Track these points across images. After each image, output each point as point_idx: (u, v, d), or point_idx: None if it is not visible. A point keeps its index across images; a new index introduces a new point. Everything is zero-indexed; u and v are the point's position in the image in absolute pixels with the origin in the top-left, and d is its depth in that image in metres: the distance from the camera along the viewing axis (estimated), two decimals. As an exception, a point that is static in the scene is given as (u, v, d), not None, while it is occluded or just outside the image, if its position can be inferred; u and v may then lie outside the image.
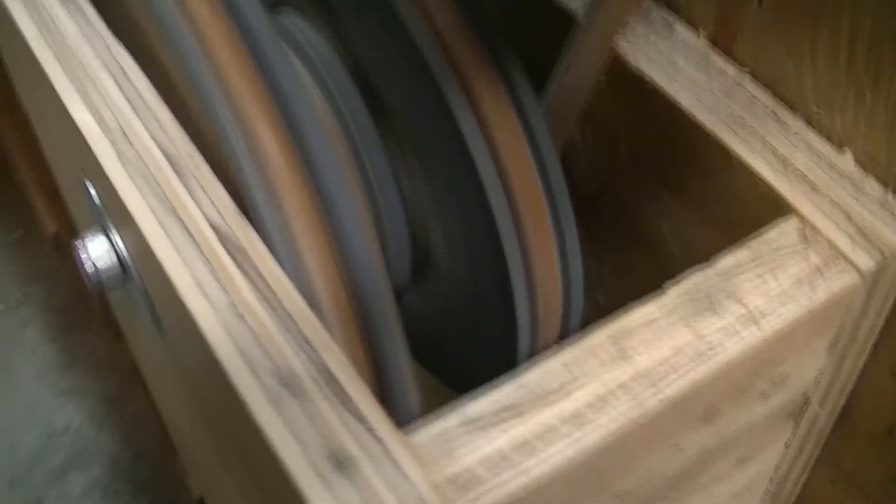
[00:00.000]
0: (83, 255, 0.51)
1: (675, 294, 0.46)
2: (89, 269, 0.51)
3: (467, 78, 0.48)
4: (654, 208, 0.57)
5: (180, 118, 0.48)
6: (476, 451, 0.42)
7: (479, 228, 0.51)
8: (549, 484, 0.42)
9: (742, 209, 0.51)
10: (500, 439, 0.42)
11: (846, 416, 0.57)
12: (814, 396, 0.53)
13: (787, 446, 0.56)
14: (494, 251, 0.51)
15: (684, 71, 0.53)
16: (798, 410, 0.53)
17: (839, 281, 0.47)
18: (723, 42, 0.53)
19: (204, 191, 0.46)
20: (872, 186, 0.49)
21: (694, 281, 0.46)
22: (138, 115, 0.48)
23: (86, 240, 0.52)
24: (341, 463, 0.41)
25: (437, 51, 0.48)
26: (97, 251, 0.52)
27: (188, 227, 0.47)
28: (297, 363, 0.43)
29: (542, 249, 0.52)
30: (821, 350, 0.49)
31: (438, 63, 0.48)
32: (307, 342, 0.44)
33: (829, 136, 0.50)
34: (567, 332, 0.55)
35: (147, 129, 0.48)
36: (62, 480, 1.08)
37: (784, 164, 0.50)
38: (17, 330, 1.27)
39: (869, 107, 0.48)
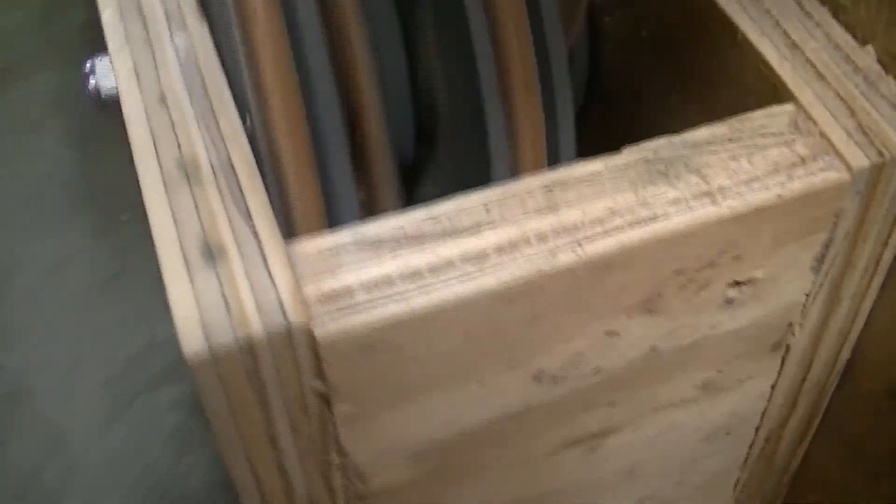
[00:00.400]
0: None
1: (629, 155, 0.41)
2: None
3: None
4: (666, 101, 0.52)
5: None
6: (359, 271, 0.38)
7: (466, 88, 0.48)
8: (431, 319, 0.37)
9: (743, 95, 0.45)
10: (389, 264, 0.38)
11: (849, 373, 0.51)
12: (800, 330, 0.47)
13: (772, 388, 0.50)
14: (478, 113, 0.48)
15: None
16: (781, 343, 0.47)
17: (823, 175, 0.41)
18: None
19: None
20: (889, 86, 0.43)
21: (655, 145, 0.41)
22: None
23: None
24: (211, 253, 0.38)
25: None
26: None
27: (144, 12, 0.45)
28: (202, 152, 0.40)
29: (527, 110, 0.47)
30: (803, 263, 0.43)
31: None
32: (220, 134, 0.41)
33: (853, 30, 0.45)
34: None
35: None
36: (154, 391, 1.08)
37: (793, 49, 0.44)
38: (139, 238, 1.28)
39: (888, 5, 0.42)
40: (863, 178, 0.41)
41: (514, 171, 0.48)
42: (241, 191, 0.40)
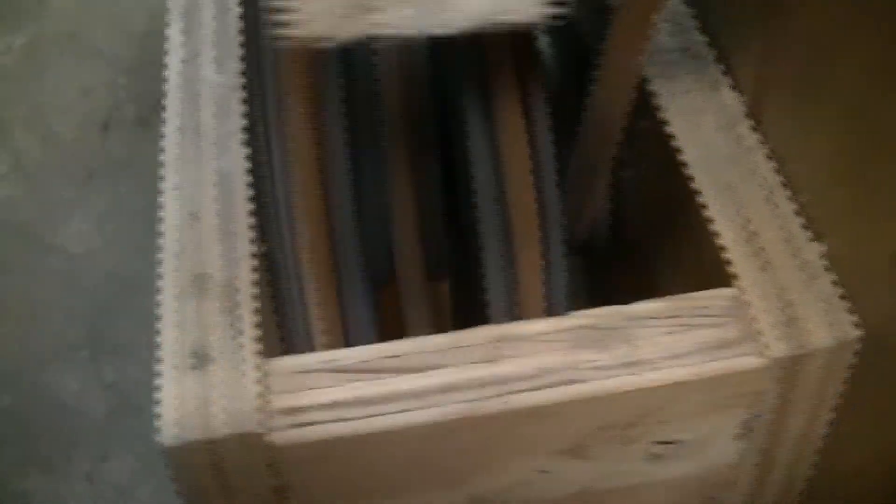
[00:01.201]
0: None
1: (576, 319, 0.48)
2: None
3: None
4: (657, 253, 0.58)
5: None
6: (320, 393, 0.46)
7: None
8: (372, 442, 0.45)
9: (702, 273, 0.51)
10: (344, 390, 0.46)
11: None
12: (734, 488, 0.52)
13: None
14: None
15: (705, 131, 0.54)
16: (715, 498, 0.53)
17: (743, 360, 0.47)
18: (755, 110, 0.54)
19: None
20: (825, 283, 0.48)
21: (601, 313, 0.48)
22: None
23: None
24: (200, 360, 0.46)
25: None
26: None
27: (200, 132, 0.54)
28: (215, 270, 0.49)
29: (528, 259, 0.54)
30: (728, 432, 0.49)
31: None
32: (234, 255, 0.50)
33: (810, 225, 0.50)
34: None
35: None
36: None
37: (749, 238, 0.50)
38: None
39: (846, 200, 0.47)
40: (781, 366, 0.47)
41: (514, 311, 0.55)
42: (237, 309, 0.48)
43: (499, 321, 0.55)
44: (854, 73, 0.46)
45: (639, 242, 0.62)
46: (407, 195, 0.59)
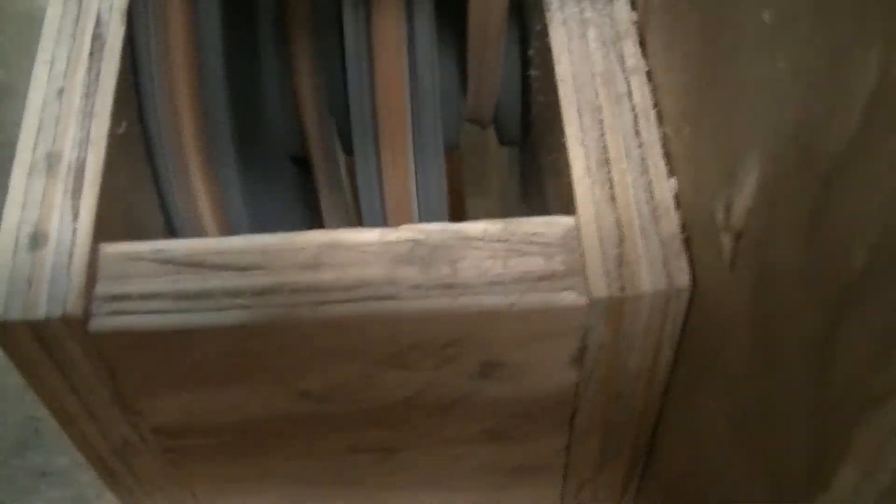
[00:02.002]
0: None
1: (403, 233, 0.48)
2: None
3: None
4: (546, 171, 0.58)
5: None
6: (142, 283, 0.48)
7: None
8: (186, 335, 0.47)
9: (561, 196, 0.51)
10: (166, 282, 0.47)
11: (651, 455, 0.57)
12: (578, 411, 0.53)
13: (567, 450, 0.56)
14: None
15: (587, 44, 0.53)
16: (559, 418, 0.54)
17: (563, 295, 0.47)
18: (643, 29, 0.52)
19: None
20: (670, 224, 0.48)
21: (430, 228, 0.48)
22: None
23: None
24: (37, 240, 0.48)
25: None
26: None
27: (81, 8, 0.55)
28: (67, 150, 0.51)
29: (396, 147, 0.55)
30: (559, 359, 0.50)
31: None
32: (88, 135, 0.51)
33: (668, 159, 0.49)
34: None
35: None
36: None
37: (601, 166, 0.50)
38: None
39: (691, 138, 0.46)
40: (603, 306, 0.47)
41: (381, 203, 0.56)
42: (80, 191, 0.50)
43: (368, 217, 0.56)
44: (695, 14, 0.44)
45: (538, 144, 0.61)
46: (308, 68, 0.59)
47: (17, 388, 0.73)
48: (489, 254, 0.49)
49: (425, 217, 0.58)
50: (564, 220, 0.49)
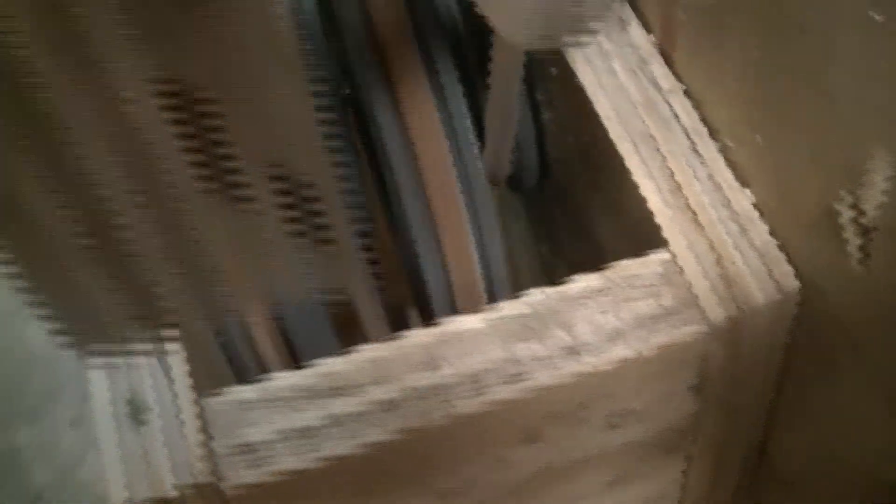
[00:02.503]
0: None
1: (507, 308, 0.48)
2: None
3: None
4: (592, 210, 0.58)
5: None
6: (262, 428, 0.46)
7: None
8: (322, 470, 0.45)
9: (634, 231, 0.51)
10: (287, 421, 0.46)
11: (764, 456, 0.57)
12: (697, 435, 0.53)
13: (684, 475, 0.56)
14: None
15: (616, 77, 0.53)
16: (677, 447, 0.54)
17: (685, 329, 0.47)
18: (667, 49, 0.53)
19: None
20: (760, 232, 0.48)
21: (532, 299, 0.48)
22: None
23: None
24: (137, 410, 0.46)
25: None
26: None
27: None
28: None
29: (453, 230, 0.54)
30: (681, 391, 0.50)
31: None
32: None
33: (735, 170, 0.49)
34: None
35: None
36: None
37: (675, 193, 0.50)
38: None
39: (766, 147, 0.47)
40: (722, 331, 0.47)
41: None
42: (162, 347, 0.48)
43: (440, 311, 0.55)
44: (754, 25, 0.45)
45: (569, 184, 0.61)
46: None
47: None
48: (598, 308, 0.48)
49: (494, 284, 0.57)
50: (659, 256, 0.50)
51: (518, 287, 0.55)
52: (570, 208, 0.63)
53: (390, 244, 0.60)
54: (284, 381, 0.48)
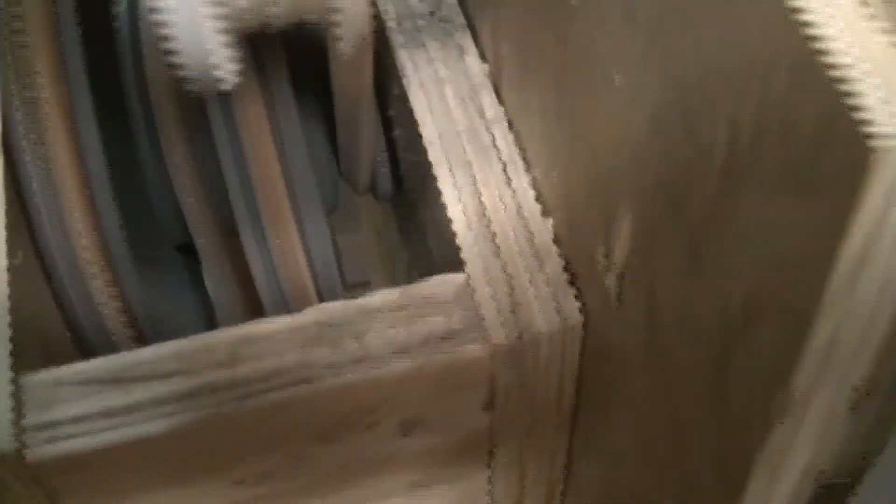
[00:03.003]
0: None
1: (308, 317, 0.51)
2: None
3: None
4: (426, 225, 0.61)
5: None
6: (70, 407, 0.50)
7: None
8: (121, 450, 0.49)
9: (447, 251, 0.54)
10: (93, 402, 0.50)
11: (570, 479, 0.61)
12: (494, 448, 0.57)
13: (489, 485, 0.60)
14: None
15: (446, 102, 0.56)
16: (476, 457, 0.57)
17: (467, 349, 0.51)
18: (496, 79, 0.56)
19: None
20: (554, 264, 0.52)
21: (331, 309, 0.51)
22: None
23: None
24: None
25: None
26: None
27: None
28: None
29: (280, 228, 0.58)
30: (472, 407, 0.53)
31: None
32: None
33: (541, 202, 0.53)
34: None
35: None
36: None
37: (481, 219, 0.53)
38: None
39: (559, 183, 0.50)
40: (503, 354, 0.51)
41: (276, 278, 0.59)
42: (-12, 325, 0.52)
43: (267, 301, 0.59)
44: (544, 71, 0.48)
45: (414, 199, 0.65)
46: (185, 155, 0.62)
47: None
48: (391, 322, 0.52)
49: (321, 279, 0.60)
50: (455, 278, 0.53)
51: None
52: (415, 222, 0.67)
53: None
54: (98, 364, 0.52)
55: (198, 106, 0.60)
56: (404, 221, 0.75)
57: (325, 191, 0.64)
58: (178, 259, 0.68)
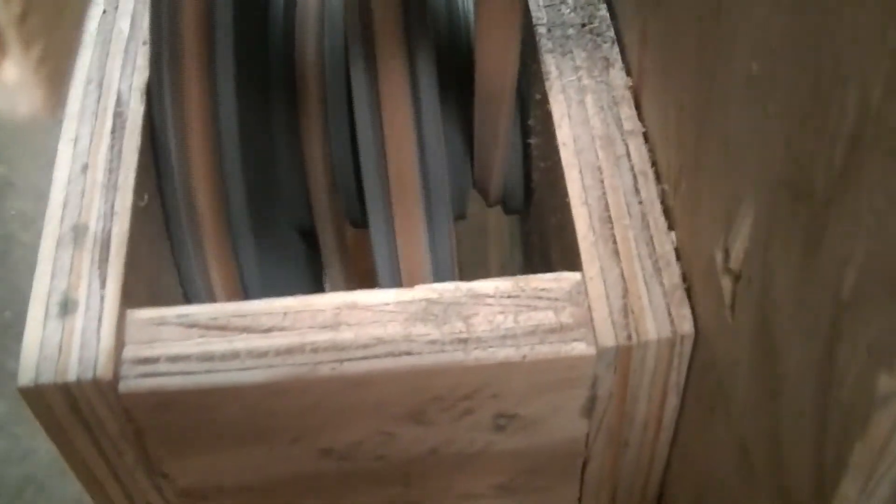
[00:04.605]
0: None
1: (417, 293, 0.52)
2: None
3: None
4: (549, 233, 0.62)
5: None
6: (169, 347, 0.51)
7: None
8: (212, 395, 0.50)
9: (568, 254, 0.55)
10: (193, 345, 0.51)
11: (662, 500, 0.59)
12: (588, 461, 0.56)
13: (579, 500, 0.59)
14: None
15: (585, 109, 0.57)
16: (570, 468, 0.56)
17: (572, 346, 0.50)
18: (638, 93, 0.56)
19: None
20: (672, 275, 0.51)
21: (443, 288, 0.52)
22: None
23: None
24: (66, 307, 0.52)
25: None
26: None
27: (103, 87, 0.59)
28: (93, 222, 0.54)
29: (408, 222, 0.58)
30: (570, 409, 0.53)
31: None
32: (112, 208, 0.55)
33: (667, 215, 0.53)
34: None
35: None
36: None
37: (604, 223, 0.53)
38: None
39: (688, 193, 0.50)
40: (609, 355, 0.50)
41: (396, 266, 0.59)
42: (107, 261, 0.53)
43: (385, 285, 0.60)
44: (687, 74, 0.48)
45: (541, 209, 0.65)
46: (318, 144, 0.64)
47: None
48: (500, 309, 0.52)
49: (438, 281, 0.61)
50: (571, 276, 0.53)
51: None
52: (540, 232, 0.67)
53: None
54: (203, 309, 0.53)
55: (343, 100, 0.61)
56: (527, 241, 0.76)
57: (456, 198, 0.65)
58: (298, 242, 0.69)
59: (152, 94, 0.58)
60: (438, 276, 0.62)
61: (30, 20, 1.34)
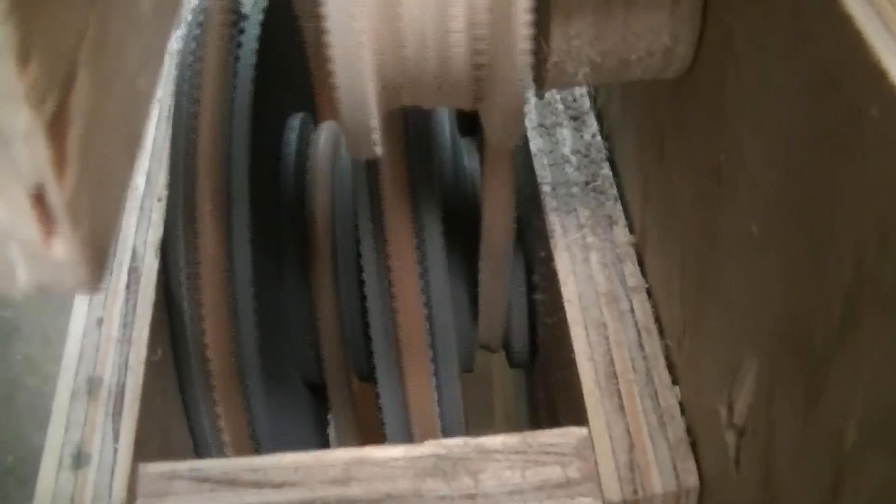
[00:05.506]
0: None
1: (426, 447, 0.53)
2: None
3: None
4: (555, 389, 0.63)
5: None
6: (180, 501, 0.52)
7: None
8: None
9: (573, 409, 0.56)
10: (204, 500, 0.52)
11: None
12: None
13: None
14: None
15: (590, 267, 0.59)
16: None
17: (580, 500, 0.51)
18: (641, 250, 0.58)
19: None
20: (677, 429, 0.52)
21: (451, 443, 0.53)
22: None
23: None
24: (80, 459, 0.53)
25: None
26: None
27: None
28: (107, 376, 0.55)
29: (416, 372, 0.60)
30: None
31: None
32: (126, 362, 0.56)
33: (671, 370, 0.54)
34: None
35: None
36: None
37: (610, 379, 0.54)
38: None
39: (691, 349, 0.52)
40: (617, 510, 0.51)
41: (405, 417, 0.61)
42: (120, 414, 0.55)
43: (394, 439, 0.61)
44: (688, 232, 0.50)
45: (547, 365, 0.66)
46: (328, 300, 0.65)
47: None
48: (508, 465, 0.53)
49: (447, 435, 0.62)
50: (578, 431, 0.54)
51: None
52: (546, 386, 0.68)
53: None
54: (215, 463, 0.54)
55: (352, 258, 0.64)
56: (533, 395, 0.77)
57: (463, 352, 0.67)
58: (306, 395, 0.71)
59: (167, 250, 0.60)
60: (447, 430, 0.63)
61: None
